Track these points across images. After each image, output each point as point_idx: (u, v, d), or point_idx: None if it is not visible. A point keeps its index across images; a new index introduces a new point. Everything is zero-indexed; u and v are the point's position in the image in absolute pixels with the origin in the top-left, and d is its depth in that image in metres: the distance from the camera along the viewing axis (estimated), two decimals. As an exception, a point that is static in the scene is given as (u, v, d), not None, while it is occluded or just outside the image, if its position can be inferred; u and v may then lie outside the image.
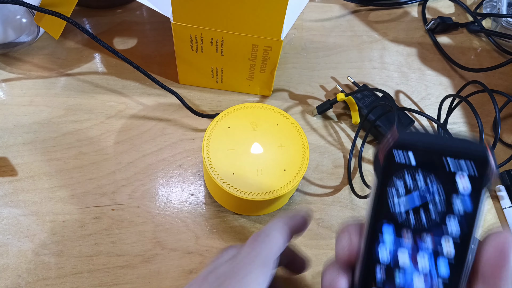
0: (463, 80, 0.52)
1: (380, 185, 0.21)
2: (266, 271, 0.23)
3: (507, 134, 0.49)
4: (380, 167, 0.21)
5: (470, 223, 0.21)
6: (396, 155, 0.21)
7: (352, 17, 0.57)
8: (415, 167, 0.21)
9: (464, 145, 0.20)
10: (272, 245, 0.25)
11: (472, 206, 0.21)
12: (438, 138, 0.21)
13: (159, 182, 0.40)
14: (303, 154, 0.37)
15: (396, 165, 0.21)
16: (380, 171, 0.21)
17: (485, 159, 0.20)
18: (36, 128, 0.42)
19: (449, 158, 0.20)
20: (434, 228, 0.21)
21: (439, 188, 0.21)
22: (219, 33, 0.39)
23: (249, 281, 0.23)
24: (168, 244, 0.37)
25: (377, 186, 0.21)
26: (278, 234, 0.25)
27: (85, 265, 0.36)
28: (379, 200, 0.22)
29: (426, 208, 0.21)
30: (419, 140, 0.21)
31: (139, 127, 0.43)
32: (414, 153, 0.21)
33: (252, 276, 0.23)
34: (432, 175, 0.21)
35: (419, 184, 0.21)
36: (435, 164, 0.21)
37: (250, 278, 0.23)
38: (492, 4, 0.58)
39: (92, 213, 0.38)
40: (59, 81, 0.46)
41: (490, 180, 0.20)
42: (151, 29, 0.52)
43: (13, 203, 0.38)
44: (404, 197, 0.21)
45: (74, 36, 0.49)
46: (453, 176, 0.21)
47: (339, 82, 0.50)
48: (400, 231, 0.21)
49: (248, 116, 0.38)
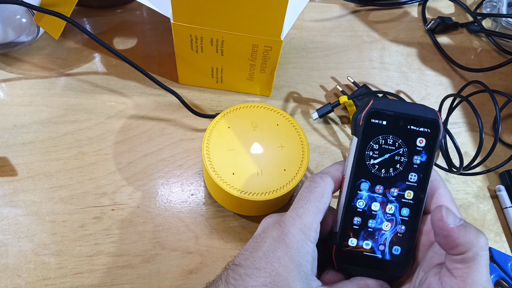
0: (463, 80, 0.52)
1: (361, 142, 0.28)
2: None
3: (507, 134, 0.49)
4: (360, 127, 0.28)
5: (426, 171, 0.28)
6: (372, 117, 0.27)
7: (352, 17, 0.57)
8: (385, 126, 0.27)
9: (421, 109, 0.27)
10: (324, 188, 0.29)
11: (427, 157, 0.28)
12: (403, 104, 0.28)
13: (159, 182, 0.40)
14: (303, 154, 0.36)
15: (372, 124, 0.27)
16: (360, 131, 0.27)
17: (436, 120, 0.27)
18: (36, 128, 0.42)
19: (410, 119, 0.27)
20: (400, 177, 0.28)
21: (404, 143, 0.28)
22: (219, 33, 0.39)
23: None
24: (168, 244, 0.37)
25: (358, 144, 0.28)
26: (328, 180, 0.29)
27: (85, 265, 0.36)
28: (359, 157, 0.28)
29: (394, 159, 0.28)
30: (389, 106, 0.27)
31: (139, 127, 0.43)
32: (385, 116, 0.27)
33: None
34: (399, 133, 0.27)
35: (389, 141, 0.28)
36: (400, 124, 0.27)
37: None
38: (492, 4, 0.58)
39: (92, 213, 0.38)
40: (59, 81, 0.46)
41: (440, 135, 0.27)
42: (151, 29, 0.52)
43: (13, 203, 0.38)
44: (377, 151, 0.28)
45: (74, 36, 0.49)
46: (414, 133, 0.27)
47: (339, 82, 0.50)
48: (373, 183, 0.28)
49: (248, 116, 0.38)
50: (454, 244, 0.24)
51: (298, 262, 0.25)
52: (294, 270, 0.25)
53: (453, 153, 0.45)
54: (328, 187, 0.28)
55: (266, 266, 0.25)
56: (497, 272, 0.38)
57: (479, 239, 0.24)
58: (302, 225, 0.26)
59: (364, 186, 0.28)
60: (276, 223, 0.27)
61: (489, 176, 0.46)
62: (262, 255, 0.26)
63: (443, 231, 0.24)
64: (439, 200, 0.28)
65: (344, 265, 0.28)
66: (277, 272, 0.25)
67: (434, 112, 0.27)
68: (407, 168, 0.28)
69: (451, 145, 0.46)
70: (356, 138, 0.28)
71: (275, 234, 0.26)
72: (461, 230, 0.24)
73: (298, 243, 0.26)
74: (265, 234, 0.27)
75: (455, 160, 0.45)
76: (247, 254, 0.27)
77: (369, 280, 0.27)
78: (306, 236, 0.26)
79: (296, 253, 0.25)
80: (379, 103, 0.27)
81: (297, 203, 0.27)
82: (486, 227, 0.42)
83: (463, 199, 0.44)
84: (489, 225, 0.42)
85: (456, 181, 0.45)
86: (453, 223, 0.24)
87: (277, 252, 0.26)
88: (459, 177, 0.45)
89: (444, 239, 0.24)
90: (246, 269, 0.26)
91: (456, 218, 0.24)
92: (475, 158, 0.40)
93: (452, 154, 0.45)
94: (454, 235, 0.24)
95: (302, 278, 0.25)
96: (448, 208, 0.25)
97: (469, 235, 0.24)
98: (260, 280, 0.25)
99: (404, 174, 0.28)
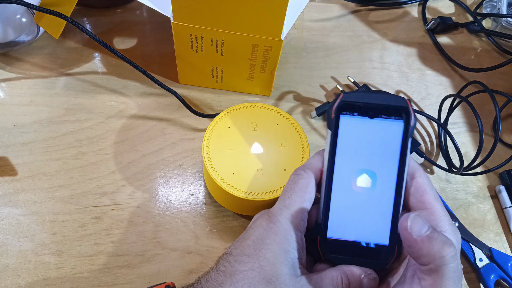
0: (463, 80, 0.52)
1: (334, 135, 0.28)
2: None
3: (507, 134, 0.49)
4: (332, 120, 0.28)
5: (402, 160, 0.27)
6: (342, 109, 0.28)
7: (352, 17, 0.57)
8: (357, 118, 0.28)
9: (391, 98, 0.28)
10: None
11: (402, 145, 0.27)
12: (373, 95, 0.28)
13: (159, 182, 0.40)
14: (303, 154, 0.37)
15: (344, 116, 0.28)
16: (332, 123, 0.28)
17: (406, 107, 0.27)
18: (36, 128, 0.42)
19: (380, 109, 0.27)
20: (378, 166, 0.28)
21: (377, 132, 0.27)
22: (219, 32, 0.39)
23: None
24: (168, 244, 0.37)
25: (331, 137, 0.28)
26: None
27: (85, 265, 0.36)
28: (334, 149, 0.28)
29: (368, 150, 0.28)
30: (359, 97, 0.28)
31: (139, 127, 0.43)
32: (356, 107, 0.27)
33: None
34: (371, 123, 0.27)
35: (362, 131, 0.28)
36: (371, 114, 0.27)
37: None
38: (492, 4, 0.58)
39: (92, 213, 0.38)
40: (59, 80, 0.46)
41: (411, 122, 0.27)
42: (151, 29, 0.52)
43: (13, 203, 0.38)
44: (352, 143, 0.28)
45: (74, 35, 0.49)
46: (385, 122, 0.27)
47: (339, 82, 0.50)
48: (351, 173, 0.28)
49: (248, 116, 0.38)
50: (418, 255, 0.24)
51: (286, 249, 0.26)
52: (281, 256, 0.26)
53: (453, 153, 0.45)
54: (311, 177, 0.29)
55: (254, 252, 0.26)
56: (497, 272, 0.38)
57: (443, 252, 0.24)
58: (289, 215, 0.27)
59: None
60: (265, 214, 0.28)
61: (489, 176, 0.46)
62: (251, 243, 0.27)
63: (407, 241, 0.25)
64: (418, 190, 0.28)
65: (329, 255, 0.28)
66: (265, 257, 0.26)
67: (403, 100, 0.27)
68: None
69: (451, 145, 0.46)
70: (330, 131, 0.28)
71: (264, 224, 0.27)
72: (424, 241, 0.24)
73: (286, 231, 0.27)
74: (254, 224, 0.28)
75: (455, 160, 0.45)
76: (237, 244, 0.28)
77: (353, 267, 0.28)
78: (293, 225, 0.27)
79: (283, 240, 0.26)
80: (349, 95, 0.28)
81: (283, 195, 0.28)
82: (486, 227, 0.42)
83: (463, 199, 0.44)
84: (489, 225, 0.42)
85: (456, 181, 0.45)
86: (418, 234, 0.24)
87: (265, 240, 0.27)
88: (459, 177, 0.45)
89: (409, 249, 0.25)
90: (235, 256, 0.27)
91: (422, 227, 0.24)
92: (475, 158, 0.40)
93: (452, 154, 0.45)
94: (417, 246, 0.24)
95: (289, 264, 0.26)
96: (416, 216, 0.25)
97: (432, 247, 0.24)
98: (248, 266, 0.26)
99: (381, 167, 0.28)
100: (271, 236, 0.27)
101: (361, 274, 0.27)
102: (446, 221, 0.27)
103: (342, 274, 0.27)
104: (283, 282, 0.25)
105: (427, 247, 0.24)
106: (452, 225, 0.27)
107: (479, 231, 0.42)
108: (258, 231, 0.27)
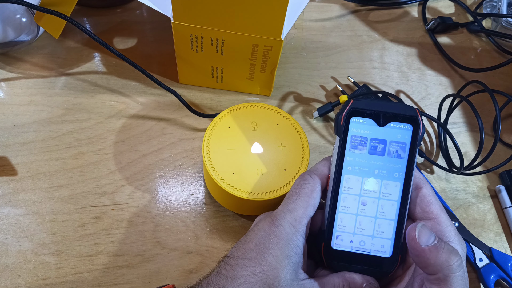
0: (463, 80, 0.52)
1: (342, 142, 0.28)
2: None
3: (507, 134, 0.49)
4: (341, 127, 0.28)
5: (409, 169, 0.28)
6: (353, 116, 0.28)
7: (352, 17, 0.57)
8: (366, 126, 0.28)
9: (400, 107, 0.28)
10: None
11: (409, 154, 0.28)
12: (383, 103, 0.28)
13: (159, 181, 0.40)
14: (303, 154, 0.36)
15: (353, 123, 0.28)
16: (342, 130, 0.28)
17: (415, 117, 0.27)
18: (35, 128, 0.42)
19: (390, 117, 0.28)
20: (385, 175, 0.28)
21: (385, 141, 0.28)
22: (219, 32, 0.39)
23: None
24: (168, 244, 0.37)
25: (340, 144, 0.28)
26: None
27: (85, 265, 0.36)
28: (341, 156, 0.28)
29: (376, 158, 0.28)
30: (369, 105, 0.28)
31: (139, 126, 0.43)
32: (365, 114, 0.28)
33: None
34: (379, 131, 0.28)
35: (371, 139, 0.28)
36: (380, 122, 0.28)
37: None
38: (492, 4, 0.58)
39: (92, 213, 0.38)
40: (58, 80, 0.46)
41: (420, 131, 0.27)
42: (151, 29, 0.52)
43: (13, 202, 0.38)
44: (360, 151, 0.28)
45: (74, 35, 0.49)
46: (394, 130, 0.28)
47: (339, 82, 0.50)
48: (358, 181, 0.28)
49: (248, 116, 0.38)
50: (425, 264, 0.25)
51: (288, 253, 0.26)
52: (283, 261, 0.26)
53: (453, 153, 0.45)
54: (317, 183, 0.29)
55: (256, 256, 0.26)
56: (497, 272, 0.38)
57: (450, 261, 0.24)
58: (292, 219, 0.27)
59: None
60: (267, 217, 0.28)
61: (489, 176, 0.46)
62: (253, 247, 0.27)
63: (415, 250, 0.25)
64: (423, 200, 0.28)
65: (333, 262, 0.29)
66: (267, 262, 0.26)
67: (413, 110, 0.28)
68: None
69: (451, 145, 0.46)
70: (338, 138, 0.28)
71: (266, 227, 0.27)
72: (432, 251, 0.24)
73: (288, 236, 0.27)
74: (256, 227, 0.28)
75: (455, 160, 0.45)
76: (239, 246, 0.28)
77: (355, 275, 0.28)
78: (296, 229, 0.27)
79: (286, 245, 0.26)
80: (359, 102, 0.28)
81: (288, 198, 0.28)
82: (486, 227, 0.42)
83: (463, 199, 0.44)
84: (489, 225, 0.42)
85: (456, 181, 0.45)
86: (425, 244, 0.24)
87: (267, 244, 0.26)
88: (459, 177, 0.45)
89: (417, 258, 0.25)
90: (237, 259, 0.27)
91: (430, 237, 0.25)
92: (475, 158, 0.40)
93: (452, 154, 0.45)
94: (425, 255, 0.24)
95: (291, 269, 0.26)
96: (423, 226, 0.25)
97: (440, 257, 0.24)
98: (250, 270, 0.26)
99: (388, 175, 0.28)
100: (273, 240, 0.26)
101: (363, 283, 0.27)
102: (452, 231, 0.27)
103: (344, 281, 0.27)
104: (284, 287, 0.25)
105: (434, 256, 0.24)
106: (457, 235, 0.27)
107: (479, 231, 0.42)
108: (260, 234, 0.27)
